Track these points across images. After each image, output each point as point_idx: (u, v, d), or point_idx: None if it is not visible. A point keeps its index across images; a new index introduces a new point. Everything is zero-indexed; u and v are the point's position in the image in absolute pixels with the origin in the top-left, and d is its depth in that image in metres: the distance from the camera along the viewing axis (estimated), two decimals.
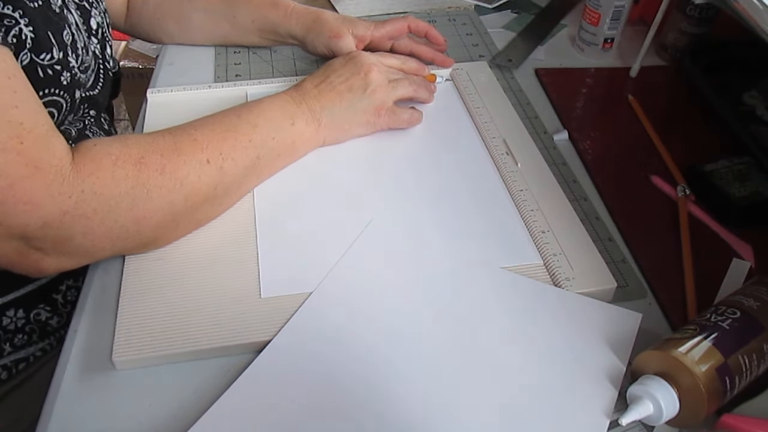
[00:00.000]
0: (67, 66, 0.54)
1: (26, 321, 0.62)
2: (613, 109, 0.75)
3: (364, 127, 0.65)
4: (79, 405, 0.46)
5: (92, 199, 0.48)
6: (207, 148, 0.54)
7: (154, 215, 0.51)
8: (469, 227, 0.57)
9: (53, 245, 0.48)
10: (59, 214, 0.46)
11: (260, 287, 0.52)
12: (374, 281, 0.52)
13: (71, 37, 0.55)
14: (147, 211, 0.50)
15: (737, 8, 0.57)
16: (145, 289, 0.52)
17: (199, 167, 0.53)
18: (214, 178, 0.54)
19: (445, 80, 0.76)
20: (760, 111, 0.70)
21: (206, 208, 0.55)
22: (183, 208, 0.52)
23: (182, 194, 0.52)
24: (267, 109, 0.59)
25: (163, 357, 0.48)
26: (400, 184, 0.62)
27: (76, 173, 0.47)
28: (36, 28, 0.50)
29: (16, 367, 0.63)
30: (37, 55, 0.51)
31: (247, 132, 0.56)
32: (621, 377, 0.46)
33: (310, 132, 0.62)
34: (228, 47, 0.82)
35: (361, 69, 0.64)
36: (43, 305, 0.63)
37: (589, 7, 0.80)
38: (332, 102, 0.63)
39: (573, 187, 0.63)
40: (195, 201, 0.53)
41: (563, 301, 0.51)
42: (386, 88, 0.65)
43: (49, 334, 0.64)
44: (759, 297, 0.46)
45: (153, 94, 0.72)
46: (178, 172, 0.51)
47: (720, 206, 0.60)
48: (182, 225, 0.54)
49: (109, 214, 0.48)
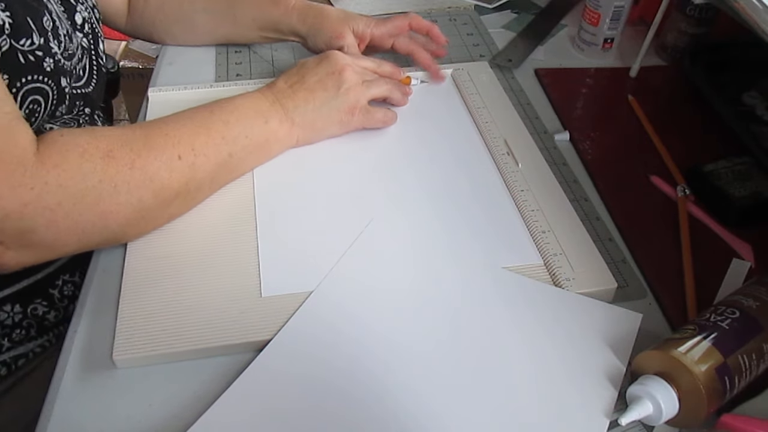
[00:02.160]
0: (50, 52, 0.54)
1: (23, 316, 0.62)
2: (613, 109, 0.75)
3: (337, 126, 0.65)
4: (79, 403, 0.46)
5: (57, 192, 0.47)
6: (179, 144, 0.53)
7: (121, 210, 0.50)
8: (469, 227, 0.57)
9: (14, 238, 0.47)
10: (20, 206, 0.45)
11: (261, 286, 0.52)
12: (373, 282, 0.52)
13: (52, 23, 0.55)
14: (114, 206, 0.49)
15: (737, 8, 0.57)
16: (145, 288, 0.52)
17: (170, 163, 0.52)
18: (185, 174, 0.53)
19: (420, 82, 0.75)
20: (760, 111, 0.70)
21: (177, 204, 0.55)
22: (152, 204, 0.52)
23: (152, 190, 0.51)
24: (240, 107, 0.59)
25: (163, 356, 0.48)
26: (401, 184, 0.62)
27: (41, 164, 0.46)
28: (13, 13, 0.49)
29: (16, 363, 0.63)
30: (17, 40, 0.50)
31: (219, 129, 0.56)
32: (621, 377, 0.46)
33: (284, 131, 0.61)
34: (228, 47, 0.82)
35: (335, 68, 0.64)
36: (39, 300, 0.63)
37: (589, 7, 0.80)
38: (305, 101, 0.62)
39: (573, 187, 0.63)
40: (165, 197, 0.52)
41: (564, 301, 0.51)
42: (360, 88, 0.64)
43: (47, 330, 0.65)
44: (758, 297, 0.46)
45: (154, 93, 0.72)
46: (148, 168, 0.51)
47: (720, 206, 0.60)
48: (151, 221, 0.54)
49: (75, 208, 0.48)
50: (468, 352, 0.48)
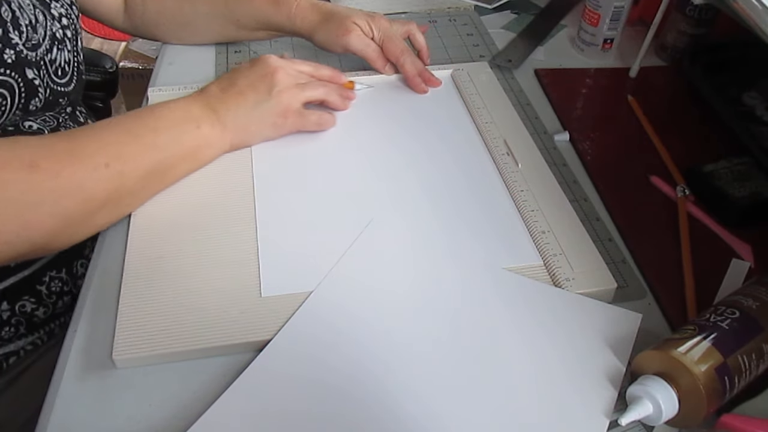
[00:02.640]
0: (9, 43, 0.52)
1: (12, 313, 0.62)
2: (613, 109, 0.75)
3: (271, 128, 0.64)
4: (78, 403, 0.46)
5: None
6: (105, 151, 0.52)
7: (46, 221, 0.49)
8: (469, 227, 0.57)
9: None
10: None
11: (261, 286, 0.52)
12: (373, 282, 0.52)
13: (11, 14, 0.54)
14: (39, 216, 0.48)
15: (737, 8, 0.57)
16: (145, 288, 0.52)
17: (97, 172, 0.51)
18: (113, 182, 0.52)
19: (367, 87, 0.73)
20: (760, 111, 0.70)
21: (105, 213, 0.54)
22: (79, 214, 0.50)
23: (78, 199, 0.50)
24: (171, 112, 0.58)
25: (163, 356, 0.48)
26: (401, 184, 0.62)
27: None
28: None
29: (7, 361, 0.63)
30: None
31: (148, 135, 0.55)
32: (621, 377, 0.46)
33: (215, 135, 0.60)
34: (228, 47, 0.82)
35: (267, 70, 0.63)
36: (27, 297, 0.62)
37: (588, 7, 0.80)
38: (237, 104, 0.61)
39: (573, 187, 0.63)
40: (92, 206, 0.51)
41: (563, 301, 0.51)
42: (293, 90, 0.63)
43: (37, 327, 0.64)
44: (758, 297, 0.46)
45: (153, 93, 0.72)
46: (74, 177, 0.49)
47: (720, 206, 0.60)
48: (78, 230, 0.52)
49: None
50: (468, 352, 0.48)
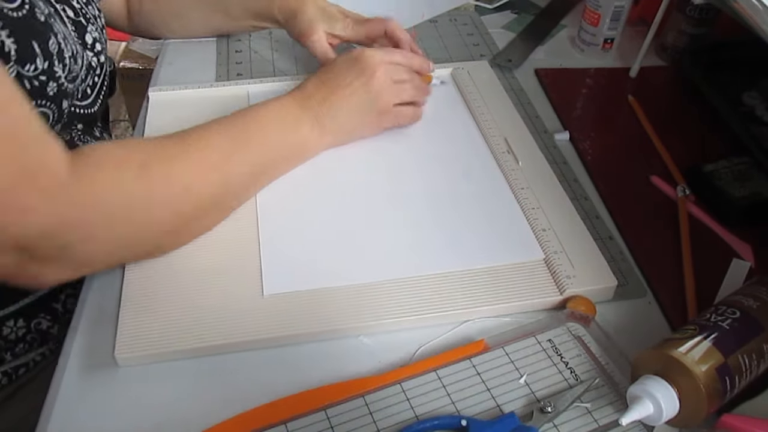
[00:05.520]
0: (53, 76, 0.53)
1: (27, 330, 0.62)
2: (613, 109, 0.75)
3: (368, 129, 0.65)
4: (81, 401, 0.46)
5: (92, 206, 0.45)
6: (213, 154, 0.53)
7: (158, 223, 0.49)
8: (471, 224, 0.58)
9: (52, 254, 0.45)
10: (56, 222, 0.44)
11: (262, 285, 0.52)
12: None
13: (57, 46, 0.54)
14: (151, 218, 0.49)
15: (737, 8, 0.57)
16: (147, 287, 0.52)
17: (206, 174, 0.52)
18: (220, 184, 0.53)
19: (441, 83, 0.74)
20: (760, 111, 0.70)
21: (213, 214, 0.54)
22: (189, 215, 0.51)
23: (188, 201, 0.51)
24: (272, 113, 0.59)
25: (165, 354, 0.48)
26: (403, 182, 0.62)
27: (76, 178, 0.45)
28: (17, 39, 0.49)
29: (17, 372, 0.63)
30: (22, 66, 0.49)
31: (253, 138, 0.56)
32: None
33: (315, 136, 0.61)
34: (229, 46, 0.82)
35: (365, 71, 0.62)
36: (43, 314, 0.62)
37: (589, 7, 0.80)
38: (337, 107, 0.61)
39: (573, 185, 0.63)
40: (201, 208, 0.52)
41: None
42: (390, 91, 0.63)
43: (48, 341, 0.64)
44: (759, 297, 0.46)
45: (155, 93, 0.72)
46: (184, 179, 0.50)
47: (720, 206, 0.60)
48: (188, 232, 0.53)
49: (110, 222, 0.46)
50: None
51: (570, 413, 0.45)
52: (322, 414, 0.44)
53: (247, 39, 0.84)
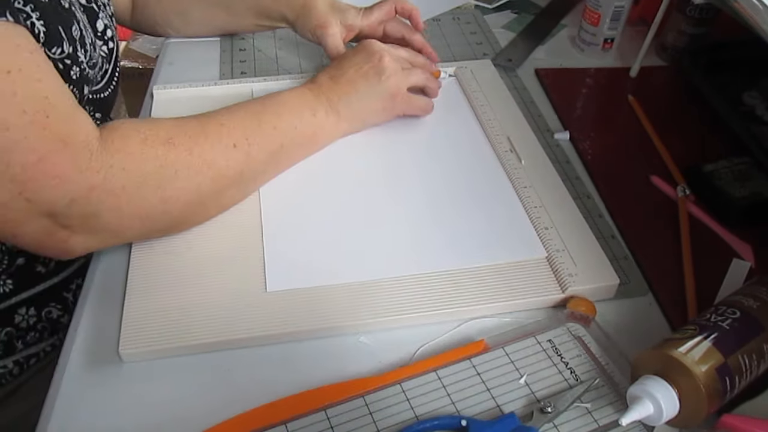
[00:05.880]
0: (77, 61, 0.55)
1: (38, 319, 0.63)
2: (613, 109, 0.75)
3: (381, 114, 0.66)
4: (84, 396, 0.46)
5: (120, 176, 0.48)
6: (233, 133, 0.55)
7: (181, 195, 0.51)
8: (473, 222, 0.58)
9: (81, 222, 0.48)
10: (87, 190, 0.46)
11: (266, 281, 0.52)
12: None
13: (79, 32, 0.56)
14: (175, 190, 0.51)
15: (737, 8, 0.57)
16: (151, 282, 0.52)
17: (226, 151, 0.54)
18: (240, 162, 0.55)
19: (449, 76, 0.76)
20: (760, 111, 0.70)
21: (232, 192, 0.56)
22: (210, 191, 0.53)
23: (209, 176, 0.53)
24: (289, 99, 0.61)
25: (169, 350, 0.48)
26: (406, 180, 0.62)
27: (104, 149, 0.47)
28: (47, 22, 0.50)
29: (28, 362, 0.64)
30: (49, 48, 0.51)
31: (271, 120, 0.58)
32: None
33: (330, 122, 0.63)
34: (233, 45, 0.82)
35: (373, 56, 0.64)
36: (54, 303, 0.63)
37: (589, 7, 0.80)
38: (348, 92, 0.63)
39: (576, 184, 0.63)
40: (222, 184, 0.54)
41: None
42: (400, 74, 0.65)
43: (59, 330, 0.65)
44: (759, 297, 0.46)
45: (159, 91, 0.72)
46: (205, 155, 0.52)
47: (720, 206, 0.60)
48: (208, 207, 0.55)
49: (137, 192, 0.49)
50: None
51: (570, 413, 0.45)
52: (322, 414, 0.44)
53: (251, 38, 0.84)
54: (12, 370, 0.63)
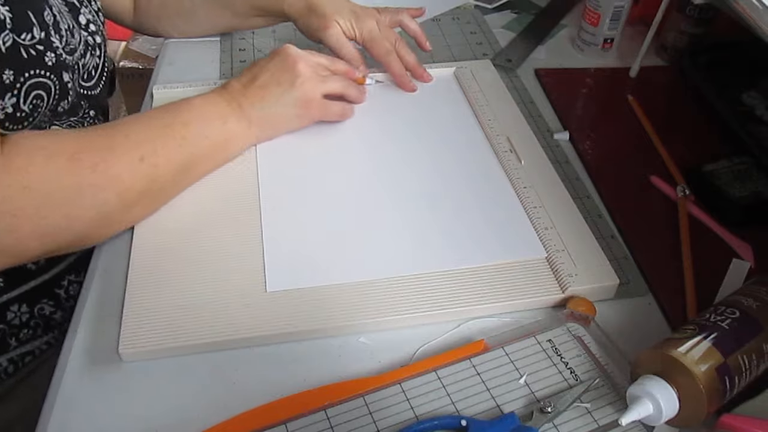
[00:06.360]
0: (51, 46, 0.53)
1: (30, 316, 0.62)
2: (613, 109, 0.75)
3: (295, 120, 0.64)
4: (84, 396, 0.46)
5: (21, 195, 0.45)
6: (141, 145, 0.53)
7: (85, 213, 0.50)
8: (473, 223, 0.58)
9: None
10: None
11: (266, 281, 0.52)
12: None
13: (53, 17, 0.55)
14: (78, 208, 0.49)
15: (737, 8, 0.57)
16: (151, 282, 0.52)
17: (133, 165, 0.52)
18: (148, 176, 0.53)
19: (375, 82, 0.73)
20: (760, 111, 0.70)
21: (140, 207, 0.55)
22: (116, 206, 0.51)
23: (115, 192, 0.51)
24: (198, 108, 0.59)
25: (169, 349, 0.48)
26: (405, 180, 0.62)
27: (5, 167, 0.45)
28: (13, 8, 0.49)
29: (23, 360, 0.64)
30: (18, 35, 0.50)
31: (179, 130, 0.56)
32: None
33: (241, 129, 0.61)
34: (233, 44, 0.82)
35: (287, 62, 0.63)
36: (46, 300, 0.63)
37: (589, 7, 0.80)
38: (261, 98, 0.61)
39: (575, 184, 0.63)
40: (129, 199, 0.52)
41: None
42: (315, 80, 0.63)
43: (53, 328, 0.65)
44: (758, 297, 0.46)
45: (158, 91, 0.73)
46: (111, 170, 0.50)
47: (720, 206, 0.60)
48: (115, 223, 0.53)
49: (39, 212, 0.46)
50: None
51: (570, 413, 0.45)
52: (322, 414, 0.44)
53: (251, 38, 0.84)
54: (6, 368, 0.63)
